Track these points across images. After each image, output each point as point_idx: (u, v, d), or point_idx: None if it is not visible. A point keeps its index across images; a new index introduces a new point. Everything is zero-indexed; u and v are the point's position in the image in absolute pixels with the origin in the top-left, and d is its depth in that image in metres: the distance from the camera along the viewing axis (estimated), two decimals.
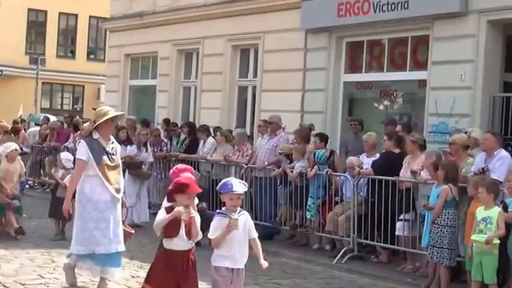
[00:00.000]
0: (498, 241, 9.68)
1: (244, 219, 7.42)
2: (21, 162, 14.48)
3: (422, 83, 15.18)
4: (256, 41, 18.93)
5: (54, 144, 21.31)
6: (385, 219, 12.23)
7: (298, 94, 17.44)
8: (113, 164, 9.54)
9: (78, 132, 20.64)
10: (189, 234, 7.47)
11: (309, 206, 13.67)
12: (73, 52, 45.86)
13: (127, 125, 19.74)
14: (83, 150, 9.43)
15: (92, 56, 45.90)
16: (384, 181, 12.38)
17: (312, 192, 13.70)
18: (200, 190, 7.76)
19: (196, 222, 7.49)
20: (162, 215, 7.45)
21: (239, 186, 7.37)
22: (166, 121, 19.64)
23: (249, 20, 18.80)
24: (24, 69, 40.37)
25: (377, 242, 12.73)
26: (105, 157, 9.42)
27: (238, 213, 7.37)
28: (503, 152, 11.32)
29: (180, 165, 8.44)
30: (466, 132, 12.45)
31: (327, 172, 13.52)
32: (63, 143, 21.07)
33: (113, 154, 9.58)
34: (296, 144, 14.80)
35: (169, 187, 7.59)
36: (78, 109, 44.49)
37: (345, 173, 13.52)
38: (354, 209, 12.88)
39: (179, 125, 18.72)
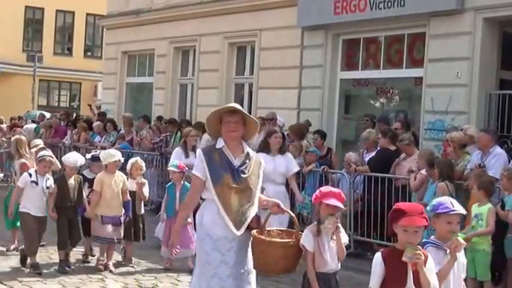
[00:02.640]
0: (488, 238, 9.67)
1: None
2: (124, 176, 11.25)
3: (419, 80, 15.17)
4: (252, 39, 18.91)
5: (51, 141, 21.27)
6: (381, 216, 12.22)
7: (294, 91, 17.42)
8: (240, 186, 6.63)
9: (76, 129, 20.68)
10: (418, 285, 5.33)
11: (305, 203, 13.64)
12: (70, 49, 45.77)
13: (123, 122, 19.81)
14: (198, 164, 6.78)
15: (88, 53, 45.83)
16: (380, 178, 12.38)
17: (308, 189, 13.69)
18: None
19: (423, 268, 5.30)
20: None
21: (458, 205, 5.76)
22: (159, 118, 19.66)
23: (246, 17, 18.78)
24: (21, 66, 40.31)
25: (373, 239, 12.72)
26: (227, 175, 6.61)
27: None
28: (499, 149, 11.34)
29: (325, 188, 6.89)
30: (461, 130, 12.46)
31: (323, 169, 13.50)
32: (60, 139, 21.04)
33: (243, 172, 6.67)
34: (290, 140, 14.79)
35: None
36: (75, 106, 44.45)
37: (341, 170, 13.51)
38: (351, 206, 12.86)
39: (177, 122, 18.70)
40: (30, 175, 10.74)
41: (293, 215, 7.25)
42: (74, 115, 27.01)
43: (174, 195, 11.31)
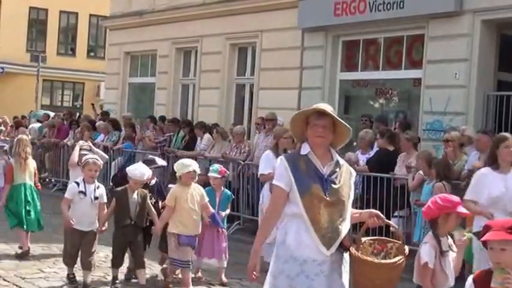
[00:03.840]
0: None
1: None
2: (201, 188, 9.92)
3: (417, 82, 15.17)
4: (253, 40, 18.91)
5: (55, 141, 21.29)
6: None
7: (295, 92, 17.42)
8: (330, 198, 5.58)
9: (79, 128, 20.68)
10: None
11: None
12: (73, 50, 45.75)
13: (124, 123, 19.83)
14: (280, 173, 5.70)
15: (92, 54, 45.81)
16: (378, 178, 12.38)
17: None
18: None
19: None
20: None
21: None
22: (162, 118, 19.67)
23: (247, 18, 18.78)
24: (25, 66, 40.29)
25: None
26: (316, 185, 5.58)
27: None
28: None
29: (447, 196, 5.94)
30: (459, 130, 12.47)
31: None
32: (63, 139, 21.05)
33: (333, 182, 5.64)
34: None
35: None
36: (78, 106, 44.44)
37: None
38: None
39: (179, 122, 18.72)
40: (77, 184, 9.56)
41: (396, 226, 6.48)
42: (77, 115, 26.96)
43: (213, 202, 10.24)
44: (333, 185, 5.62)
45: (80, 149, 11.68)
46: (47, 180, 21.42)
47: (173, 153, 16.92)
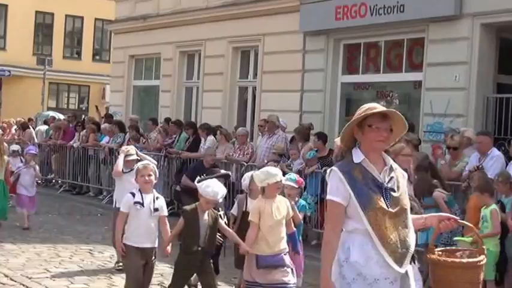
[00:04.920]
0: (494, 238, 9.59)
1: None
2: (287, 200, 8.31)
3: (418, 84, 15.12)
4: (256, 43, 18.87)
5: (61, 142, 21.27)
6: None
7: (297, 94, 17.38)
8: (394, 209, 4.91)
9: (84, 130, 20.66)
10: None
11: (309, 203, 13.58)
12: (79, 53, 45.73)
13: (130, 124, 19.81)
14: (335, 186, 4.96)
15: (97, 57, 45.77)
16: None
17: (310, 189, 13.65)
18: None
19: None
20: None
21: None
22: (167, 120, 19.64)
23: (250, 22, 18.74)
24: (31, 69, 40.24)
25: None
26: (377, 196, 4.89)
27: None
28: (496, 152, 11.32)
29: None
30: (459, 132, 12.42)
31: (324, 170, 13.44)
32: (69, 141, 21.03)
33: (393, 190, 4.96)
34: (294, 142, 14.79)
35: None
36: (84, 108, 44.41)
37: None
38: None
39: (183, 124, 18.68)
40: (133, 195, 8.17)
41: (472, 226, 5.68)
42: (83, 117, 26.93)
43: None
44: (393, 194, 4.95)
45: (126, 156, 10.72)
46: (54, 181, 21.38)
47: (177, 155, 16.87)
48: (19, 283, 9.60)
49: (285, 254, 7.96)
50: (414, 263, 4.99)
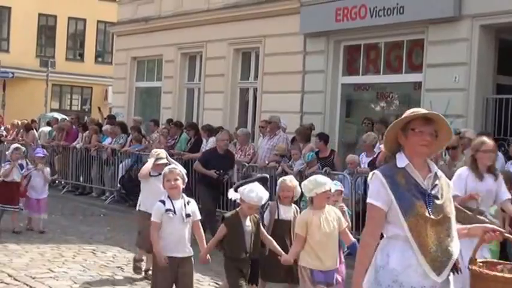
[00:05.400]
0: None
1: None
2: (337, 210, 7.78)
3: (418, 85, 15.12)
4: (257, 45, 18.88)
5: (64, 143, 21.26)
6: None
7: (297, 96, 17.37)
8: (437, 217, 4.74)
9: (86, 132, 20.65)
10: None
11: None
12: (82, 55, 45.77)
13: (133, 125, 19.81)
14: (377, 190, 4.81)
15: (99, 59, 45.79)
16: None
17: None
18: None
19: None
20: None
21: None
22: (169, 121, 19.63)
23: (251, 24, 18.74)
24: (35, 71, 40.27)
25: None
26: (419, 203, 4.73)
27: None
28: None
29: None
30: (459, 133, 12.41)
31: (325, 171, 13.44)
32: (72, 142, 21.01)
33: (436, 197, 4.79)
34: (295, 143, 14.77)
35: None
36: (87, 110, 44.43)
37: (343, 171, 13.46)
38: (352, 206, 12.78)
39: (183, 125, 18.66)
40: (163, 203, 7.55)
41: None
42: (85, 118, 26.93)
43: None
44: (436, 201, 4.76)
45: (156, 159, 10.15)
46: (57, 182, 21.37)
47: (179, 156, 16.85)
48: (23, 283, 9.58)
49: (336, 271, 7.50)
50: (457, 272, 4.79)
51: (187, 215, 7.50)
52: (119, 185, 18.50)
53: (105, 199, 19.04)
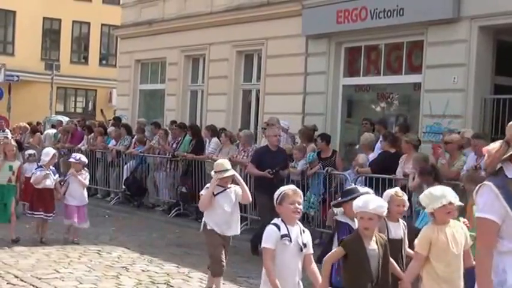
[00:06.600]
0: None
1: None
2: (463, 227, 6.60)
3: (417, 86, 15.19)
4: (259, 47, 18.96)
5: (69, 146, 21.34)
6: None
7: (299, 97, 17.45)
8: None
9: (92, 134, 20.74)
10: None
11: (312, 203, 13.67)
12: (86, 58, 45.89)
13: (137, 127, 19.91)
14: (490, 203, 4.46)
15: (103, 62, 45.91)
16: (380, 179, 12.39)
17: (313, 189, 13.72)
18: None
19: None
20: None
21: None
22: (172, 123, 19.72)
23: (253, 27, 18.83)
24: (39, 74, 40.37)
25: None
26: None
27: None
28: None
29: None
30: (459, 133, 12.49)
31: (327, 170, 13.54)
32: (77, 144, 21.10)
33: None
34: (299, 143, 14.86)
35: None
36: (91, 112, 44.51)
37: (345, 171, 13.55)
38: None
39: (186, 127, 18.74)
40: (277, 227, 6.20)
41: None
42: (87, 122, 27.02)
43: None
44: None
45: (218, 172, 8.90)
46: (62, 184, 21.43)
47: (183, 157, 16.94)
48: (29, 284, 9.67)
49: None
50: None
51: (304, 245, 6.25)
52: (123, 187, 18.62)
53: (110, 200, 19.16)
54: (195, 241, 13.16)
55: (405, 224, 7.15)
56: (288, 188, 6.40)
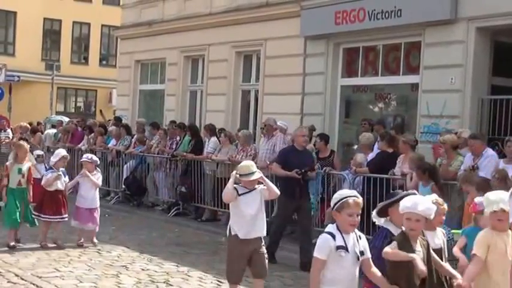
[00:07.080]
0: None
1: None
2: None
3: (415, 87, 15.22)
4: (258, 48, 18.99)
5: (69, 146, 21.36)
6: None
7: (298, 97, 17.49)
8: None
9: (92, 134, 20.77)
10: None
11: (312, 202, 13.68)
12: (86, 58, 45.90)
13: (137, 127, 19.94)
14: None
15: (104, 62, 45.92)
16: (378, 179, 12.42)
17: (312, 189, 13.74)
18: None
19: None
20: None
21: None
22: (172, 123, 19.75)
23: (252, 27, 18.86)
24: (40, 74, 40.41)
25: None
26: None
27: None
28: (490, 151, 11.39)
29: None
30: (456, 133, 12.52)
31: (325, 170, 13.57)
32: (77, 144, 21.13)
33: None
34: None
35: None
36: (91, 112, 44.53)
37: (343, 171, 13.58)
38: None
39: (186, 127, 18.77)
40: (332, 236, 5.82)
41: None
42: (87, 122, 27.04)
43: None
44: None
45: (242, 175, 8.49)
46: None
47: (183, 156, 16.97)
48: (29, 282, 9.70)
49: None
50: None
51: (361, 253, 5.90)
52: (123, 186, 18.66)
53: (110, 199, 19.18)
54: (195, 240, 13.23)
55: (444, 231, 6.80)
56: (349, 196, 5.96)
